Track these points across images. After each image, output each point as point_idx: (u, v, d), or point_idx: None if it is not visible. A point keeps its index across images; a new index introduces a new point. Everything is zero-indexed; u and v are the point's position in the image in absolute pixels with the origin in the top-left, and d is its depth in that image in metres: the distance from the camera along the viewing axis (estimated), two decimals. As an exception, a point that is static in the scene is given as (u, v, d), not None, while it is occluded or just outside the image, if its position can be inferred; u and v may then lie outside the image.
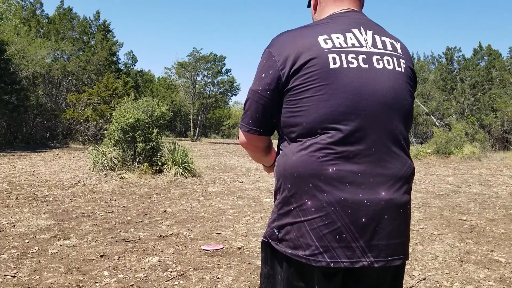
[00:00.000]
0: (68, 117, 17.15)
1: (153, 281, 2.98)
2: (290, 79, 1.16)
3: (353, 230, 1.11)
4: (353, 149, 1.13)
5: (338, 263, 1.11)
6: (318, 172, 1.12)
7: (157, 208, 5.46)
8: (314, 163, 1.13)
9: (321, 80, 1.13)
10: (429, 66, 25.76)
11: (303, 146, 1.16)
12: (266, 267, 1.27)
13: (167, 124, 10.03)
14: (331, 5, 1.29)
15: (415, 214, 5.41)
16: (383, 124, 1.16)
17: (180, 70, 32.00)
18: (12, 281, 2.91)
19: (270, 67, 1.19)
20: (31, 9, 21.47)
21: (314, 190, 1.12)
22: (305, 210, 1.13)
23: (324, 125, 1.13)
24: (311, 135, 1.15)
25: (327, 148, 1.13)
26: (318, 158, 1.13)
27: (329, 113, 1.13)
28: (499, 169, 11.03)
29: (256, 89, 1.22)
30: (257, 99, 1.22)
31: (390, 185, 1.15)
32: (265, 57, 1.22)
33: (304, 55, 1.14)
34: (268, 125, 1.26)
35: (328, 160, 1.12)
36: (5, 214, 4.87)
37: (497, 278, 3.17)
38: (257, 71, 1.24)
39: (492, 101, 19.35)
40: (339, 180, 1.12)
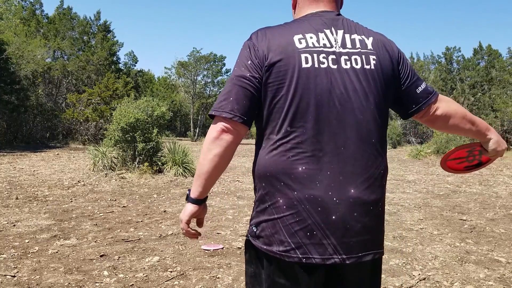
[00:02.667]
0: (68, 117, 17.15)
1: (153, 281, 2.98)
2: (266, 73, 1.17)
3: (323, 227, 1.13)
4: (322, 148, 1.15)
5: (310, 259, 1.13)
6: (288, 171, 1.15)
7: (157, 208, 5.46)
8: (284, 163, 1.15)
9: (292, 78, 1.15)
10: (429, 66, 25.76)
11: (274, 146, 1.17)
12: (251, 266, 1.27)
13: (167, 124, 10.03)
14: (308, 6, 1.31)
15: (415, 214, 5.41)
16: (352, 123, 1.17)
17: (180, 70, 32.02)
18: (12, 281, 2.91)
19: (255, 56, 1.19)
20: (31, 9, 21.45)
21: (285, 189, 1.15)
22: (278, 208, 1.16)
23: (294, 123, 1.15)
24: (281, 134, 1.16)
25: (297, 147, 1.15)
26: (288, 158, 1.15)
27: (299, 112, 1.15)
28: (499, 169, 11.04)
29: (243, 75, 1.18)
30: (243, 85, 1.18)
31: (359, 183, 1.17)
32: (248, 46, 1.22)
33: (279, 51, 1.17)
34: (251, 115, 1.20)
35: (298, 159, 1.15)
36: (5, 214, 4.87)
37: (497, 278, 3.17)
38: (240, 58, 1.22)
39: (492, 101, 19.35)
40: (308, 178, 1.14)
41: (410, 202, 6.28)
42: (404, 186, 7.90)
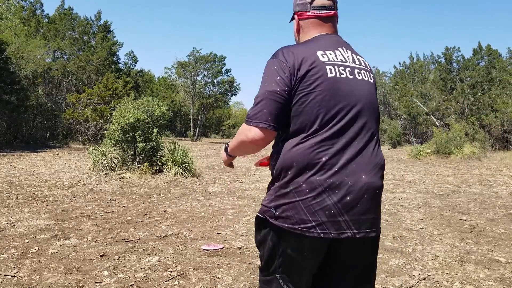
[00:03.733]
0: (68, 117, 17.14)
1: (153, 281, 2.98)
2: (298, 83, 1.41)
3: (339, 207, 1.37)
4: (340, 141, 1.41)
5: (327, 234, 1.37)
6: (314, 161, 1.39)
7: (157, 208, 5.46)
8: (310, 154, 1.39)
9: (321, 85, 1.41)
10: (428, 66, 25.74)
11: (302, 141, 1.41)
12: (269, 241, 1.49)
13: (167, 124, 10.03)
14: (313, 30, 1.56)
15: (415, 214, 5.41)
16: (363, 122, 1.46)
17: (180, 70, 32.00)
18: (12, 281, 2.91)
19: (284, 71, 1.41)
20: (31, 9, 21.43)
21: (309, 175, 1.39)
22: (301, 192, 1.39)
23: (322, 123, 1.40)
24: (309, 131, 1.41)
25: (322, 142, 1.40)
26: (314, 150, 1.39)
27: (327, 114, 1.41)
28: (499, 169, 11.03)
29: (274, 90, 1.41)
30: (275, 98, 1.40)
31: (368, 170, 1.43)
32: (275, 64, 1.44)
33: (309, 63, 1.41)
34: (281, 122, 1.43)
35: (321, 152, 1.39)
36: (5, 214, 4.87)
37: (497, 278, 3.17)
38: (269, 75, 1.44)
39: (492, 101, 19.33)
40: (329, 167, 1.39)
41: (410, 202, 6.28)
42: (404, 186, 7.90)
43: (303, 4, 1.57)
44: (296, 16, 1.61)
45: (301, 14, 1.58)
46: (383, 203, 6.15)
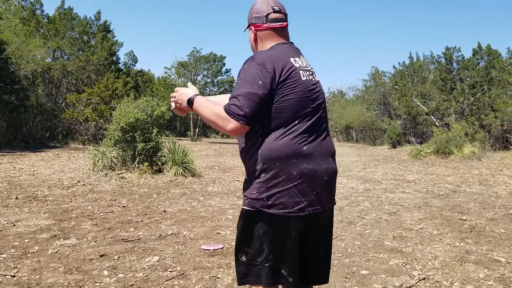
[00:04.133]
0: (68, 117, 17.12)
1: (153, 280, 2.98)
2: (279, 85, 1.63)
3: (321, 186, 1.69)
4: (313, 134, 1.70)
5: (316, 209, 1.68)
6: (298, 151, 1.65)
7: (157, 208, 5.47)
8: (293, 145, 1.64)
9: (298, 87, 1.66)
10: (428, 66, 25.72)
11: (284, 133, 1.65)
12: (260, 228, 1.67)
13: (167, 124, 10.03)
14: (270, 39, 1.79)
15: (415, 214, 5.41)
16: (322, 116, 1.76)
17: (180, 70, 31.99)
18: (12, 280, 2.91)
19: (265, 77, 1.61)
20: (31, 9, 21.40)
21: (297, 163, 1.64)
22: (293, 179, 1.64)
23: (299, 118, 1.66)
24: (289, 125, 1.65)
25: (301, 134, 1.66)
26: (297, 141, 1.65)
27: (302, 109, 1.67)
28: (499, 168, 11.03)
29: (256, 92, 1.60)
30: (257, 100, 1.60)
31: (331, 156, 1.76)
32: (257, 68, 1.62)
33: (287, 69, 1.66)
34: (257, 121, 1.63)
35: (302, 142, 1.66)
36: (5, 214, 4.87)
37: (497, 277, 3.17)
38: (251, 78, 1.62)
39: (491, 101, 19.32)
40: (310, 155, 1.67)
41: (410, 202, 6.28)
42: (404, 186, 7.90)
43: (259, 17, 1.78)
44: (253, 28, 1.81)
45: (258, 26, 1.79)
46: (383, 203, 6.15)
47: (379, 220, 5.03)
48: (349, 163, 13.02)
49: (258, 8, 1.79)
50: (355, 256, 3.63)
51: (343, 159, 14.47)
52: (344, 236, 4.28)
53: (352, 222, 4.93)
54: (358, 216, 5.23)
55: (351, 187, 7.74)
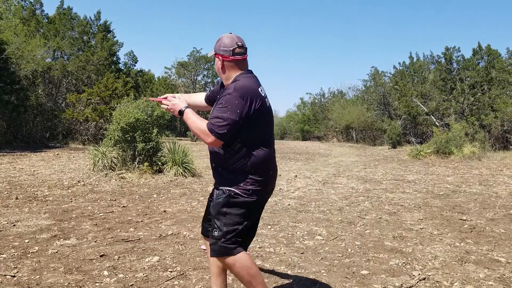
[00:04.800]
0: (68, 117, 17.11)
1: (153, 281, 2.98)
2: (254, 111, 2.15)
3: (273, 181, 2.37)
4: (273, 146, 2.34)
5: (271, 192, 2.40)
6: (270, 158, 2.30)
7: (157, 208, 5.47)
8: (268, 154, 2.27)
9: (266, 111, 2.24)
10: (428, 66, 25.68)
11: (262, 146, 2.24)
12: (241, 209, 2.21)
13: (167, 124, 10.02)
14: (235, 69, 2.27)
15: (415, 214, 5.41)
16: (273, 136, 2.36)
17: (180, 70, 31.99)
18: (12, 281, 2.91)
19: (243, 107, 2.11)
20: (31, 9, 21.39)
21: (270, 166, 2.30)
22: (269, 177, 2.30)
23: (266, 138, 2.26)
24: (263, 140, 2.25)
25: (270, 146, 2.30)
26: (270, 153, 2.29)
27: (268, 132, 2.28)
28: (499, 169, 11.03)
29: (235, 119, 2.10)
30: (235, 125, 2.11)
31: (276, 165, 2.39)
32: (237, 99, 2.10)
33: (259, 99, 2.18)
34: (231, 138, 2.16)
35: (272, 152, 2.31)
36: (5, 214, 4.87)
37: (497, 277, 3.17)
38: (232, 106, 2.09)
39: (492, 101, 19.29)
40: (273, 163, 2.35)
41: (410, 202, 6.28)
42: (404, 186, 7.90)
43: (226, 50, 2.23)
44: (221, 57, 2.25)
45: (225, 57, 2.24)
46: (383, 203, 6.15)
47: (379, 220, 5.03)
48: (349, 163, 13.02)
49: (225, 42, 2.23)
50: (355, 256, 3.64)
51: (343, 159, 14.47)
52: (344, 236, 4.28)
53: (352, 222, 4.93)
54: (358, 216, 5.24)
55: (351, 187, 7.74)
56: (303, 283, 3.00)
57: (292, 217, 5.14)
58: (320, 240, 4.13)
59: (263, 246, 3.87)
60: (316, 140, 34.07)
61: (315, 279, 3.09)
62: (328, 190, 7.28)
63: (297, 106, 42.73)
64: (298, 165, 12.03)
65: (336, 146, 25.91)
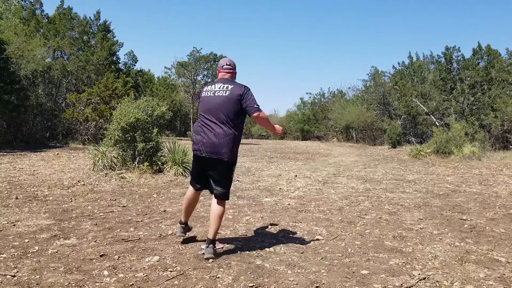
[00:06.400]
0: (68, 117, 17.11)
1: (153, 280, 2.98)
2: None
3: (197, 143, 3.63)
4: (202, 122, 3.66)
5: (201, 153, 3.62)
6: (198, 128, 3.63)
7: (157, 208, 5.47)
8: (197, 125, 3.66)
9: (201, 100, 3.74)
10: (428, 66, 25.67)
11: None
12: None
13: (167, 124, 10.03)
14: (219, 76, 3.74)
15: (415, 214, 5.41)
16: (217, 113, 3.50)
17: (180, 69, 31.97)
18: (12, 280, 2.91)
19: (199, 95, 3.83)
20: (31, 9, 21.38)
21: (195, 133, 3.63)
22: (195, 139, 3.59)
23: (200, 113, 3.72)
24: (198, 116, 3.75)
25: (198, 121, 3.69)
26: (198, 124, 3.65)
27: (201, 111, 3.66)
28: (499, 168, 11.03)
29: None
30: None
31: (203, 131, 3.57)
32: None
33: (201, 91, 3.78)
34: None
35: (199, 125, 3.67)
36: (5, 214, 4.87)
37: (497, 277, 3.17)
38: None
39: (492, 101, 19.28)
40: (200, 130, 3.60)
41: (410, 201, 6.29)
42: (404, 186, 7.90)
43: (218, 66, 3.79)
44: (218, 70, 3.77)
45: (218, 70, 3.76)
46: (383, 203, 6.15)
47: (379, 220, 5.04)
48: (349, 163, 13.03)
49: (220, 62, 3.83)
50: (355, 256, 3.64)
51: (343, 159, 14.47)
52: (344, 236, 4.28)
53: (352, 222, 4.93)
54: (358, 216, 5.24)
55: (351, 187, 7.74)
56: (303, 283, 3.00)
57: (292, 217, 5.14)
58: (320, 240, 4.13)
59: (263, 246, 3.87)
60: (316, 140, 34.07)
61: (315, 279, 3.09)
62: (328, 190, 7.28)
63: (297, 106, 42.76)
64: (298, 165, 12.03)
65: (336, 146, 25.92)
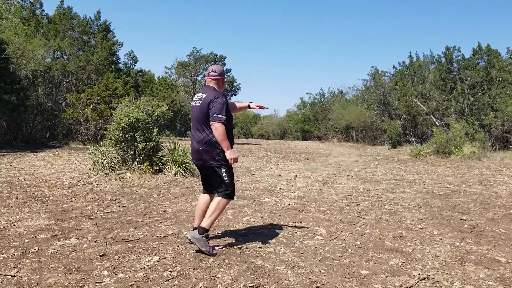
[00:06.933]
0: (68, 117, 17.11)
1: (153, 280, 2.98)
2: None
3: (192, 151, 3.83)
4: (192, 132, 3.85)
5: (196, 161, 3.90)
6: (191, 138, 3.89)
7: (157, 208, 5.47)
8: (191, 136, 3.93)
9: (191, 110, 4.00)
10: (428, 66, 25.66)
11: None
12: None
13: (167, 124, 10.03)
14: (206, 83, 3.88)
15: (415, 214, 5.41)
16: (195, 122, 3.73)
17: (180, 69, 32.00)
18: (12, 280, 2.91)
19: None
20: (31, 9, 21.38)
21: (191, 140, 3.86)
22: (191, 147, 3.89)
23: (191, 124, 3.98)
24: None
25: (191, 130, 3.98)
26: (191, 133, 3.92)
27: (192, 121, 3.85)
28: (499, 168, 11.03)
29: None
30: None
31: (192, 142, 3.84)
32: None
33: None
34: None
35: (192, 134, 3.91)
36: (5, 214, 4.87)
37: (497, 277, 3.17)
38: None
39: (492, 101, 19.27)
40: (193, 139, 3.83)
41: (410, 202, 6.29)
42: (404, 186, 7.90)
43: (206, 72, 3.87)
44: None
45: (206, 77, 3.88)
46: (383, 203, 6.15)
47: (379, 220, 5.04)
48: (349, 163, 13.02)
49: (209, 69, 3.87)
50: (355, 256, 3.64)
51: (343, 159, 14.47)
52: (344, 236, 4.28)
53: (352, 222, 4.93)
54: (358, 216, 5.24)
55: (351, 187, 7.74)
56: (303, 283, 3.00)
57: (292, 217, 5.14)
58: (320, 240, 4.13)
59: (263, 246, 3.87)
60: (316, 140, 34.07)
61: (315, 279, 3.09)
62: (328, 190, 7.28)
63: (297, 106, 42.77)
64: (298, 165, 12.03)
65: (336, 146, 25.92)
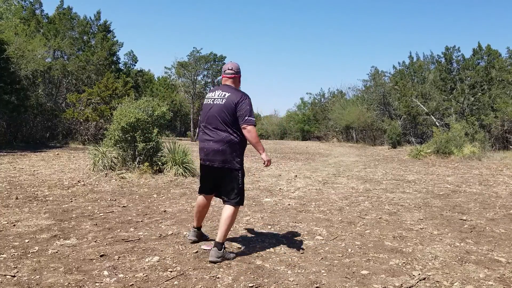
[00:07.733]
0: (68, 117, 17.10)
1: (153, 280, 2.98)
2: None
3: (201, 151, 3.65)
4: (203, 130, 3.68)
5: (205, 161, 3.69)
6: (201, 137, 3.67)
7: (157, 208, 5.47)
8: (200, 135, 3.71)
9: (204, 107, 3.81)
10: (428, 66, 25.66)
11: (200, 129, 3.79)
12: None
13: (167, 124, 10.03)
14: (222, 82, 3.69)
15: (415, 214, 5.41)
16: (215, 121, 3.53)
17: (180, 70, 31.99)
18: (12, 280, 2.91)
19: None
20: (31, 9, 21.38)
21: (200, 141, 3.68)
22: (200, 148, 3.67)
23: (201, 122, 3.85)
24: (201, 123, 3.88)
25: (201, 130, 3.78)
26: (200, 133, 3.70)
27: (203, 118, 3.70)
28: (499, 168, 11.03)
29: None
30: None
31: (203, 140, 3.69)
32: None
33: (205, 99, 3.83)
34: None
35: (201, 135, 3.71)
36: (5, 214, 4.87)
37: (497, 278, 3.17)
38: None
39: (492, 101, 19.27)
40: (203, 138, 3.65)
41: (410, 202, 6.28)
42: (404, 186, 7.90)
43: (222, 70, 3.69)
44: (222, 75, 3.74)
45: (222, 75, 3.70)
46: (383, 203, 6.15)
47: (379, 220, 5.04)
48: (349, 163, 13.02)
49: (225, 66, 3.73)
50: (355, 256, 3.64)
51: (343, 159, 14.47)
52: (344, 236, 4.28)
53: (352, 222, 4.93)
54: (358, 216, 5.24)
55: (351, 187, 7.74)
56: (303, 283, 3.00)
57: (292, 217, 5.14)
58: (320, 240, 4.13)
59: (263, 246, 3.87)
60: (316, 140, 34.06)
61: (315, 279, 3.09)
62: (328, 190, 7.28)
63: (297, 106, 42.75)
64: (298, 165, 12.03)
65: (336, 146, 25.92)
